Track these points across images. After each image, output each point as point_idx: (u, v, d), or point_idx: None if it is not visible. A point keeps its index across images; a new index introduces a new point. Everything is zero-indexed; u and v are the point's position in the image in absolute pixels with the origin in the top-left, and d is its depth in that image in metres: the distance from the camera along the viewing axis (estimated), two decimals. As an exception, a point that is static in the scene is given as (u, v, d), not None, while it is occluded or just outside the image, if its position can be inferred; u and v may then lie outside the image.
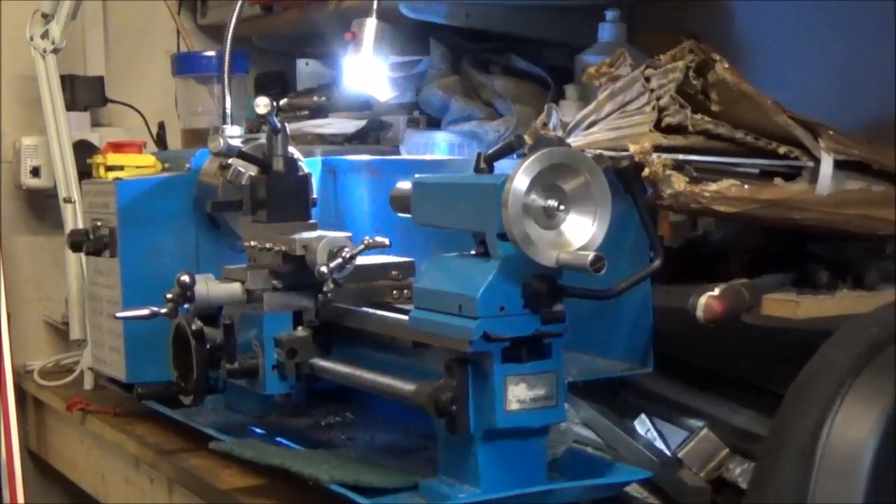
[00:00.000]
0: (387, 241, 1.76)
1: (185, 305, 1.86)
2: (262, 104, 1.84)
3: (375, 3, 2.22)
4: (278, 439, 1.88)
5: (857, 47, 2.15)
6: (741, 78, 1.71)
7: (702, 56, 1.71)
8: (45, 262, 3.00)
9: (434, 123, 2.64)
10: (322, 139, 2.67)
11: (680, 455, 1.74)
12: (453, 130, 2.53)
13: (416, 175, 1.63)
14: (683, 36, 1.84)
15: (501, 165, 1.54)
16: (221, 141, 1.90)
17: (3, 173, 2.95)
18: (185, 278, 1.85)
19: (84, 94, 2.95)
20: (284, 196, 1.91)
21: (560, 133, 1.86)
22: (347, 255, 1.74)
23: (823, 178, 1.70)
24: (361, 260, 1.76)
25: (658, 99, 1.72)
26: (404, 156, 2.52)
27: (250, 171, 1.95)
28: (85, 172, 2.41)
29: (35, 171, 2.87)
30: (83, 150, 2.67)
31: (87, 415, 2.38)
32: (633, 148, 1.65)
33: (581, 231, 1.42)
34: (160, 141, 2.95)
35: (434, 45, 2.65)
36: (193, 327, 1.84)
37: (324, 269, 1.73)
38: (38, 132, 2.86)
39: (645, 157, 1.63)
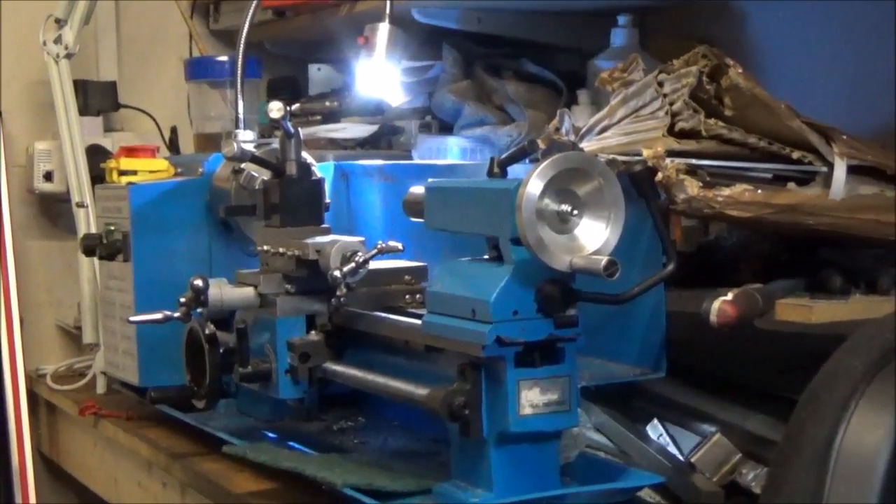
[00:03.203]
0: (400, 246, 1.77)
1: (199, 309, 1.87)
2: (276, 109, 1.85)
3: (388, 7, 2.22)
4: (291, 443, 1.88)
5: (870, 53, 2.15)
6: (754, 83, 1.70)
7: (715, 61, 1.71)
8: (57, 267, 3.01)
9: (446, 128, 2.64)
10: (335, 144, 2.67)
11: (693, 460, 1.73)
12: (466, 135, 2.53)
13: (429, 179, 1.63)
14: (696, 41, 1.84)
15: (514, 170, 1.54)
16: (235, 145, 1.90)
17: (16, 178, 2.96)
18: (199, 282, 1.85)
19: (97, 98, 2.95)
20: (297, 200, 1.91)
21: (573, 138, 1.86)
22: (360, 260, 1.74)
23: (837, 183, 1.70)
24: (374, 264, 1.77)
25: (671, 104, 1.72)
26: (417, 160, 2.52)
27: (263, 175, 1.95)
28: (98, 177, 2.41)
29: (48, 176, 2.88)
30: (96, 155, 2.68)
31: (99, 419, 2.38)
32: (646, 153, 1.65)
33: (594, 235, 1.42)
34: (173, 145, 2.95)
35: (447, 50, 2.65)
36: (206, 331, 1.85)
37: (337, 273, 1.73)
38: (51, 137, 2.87)
39: (658, 161, 1.63)
